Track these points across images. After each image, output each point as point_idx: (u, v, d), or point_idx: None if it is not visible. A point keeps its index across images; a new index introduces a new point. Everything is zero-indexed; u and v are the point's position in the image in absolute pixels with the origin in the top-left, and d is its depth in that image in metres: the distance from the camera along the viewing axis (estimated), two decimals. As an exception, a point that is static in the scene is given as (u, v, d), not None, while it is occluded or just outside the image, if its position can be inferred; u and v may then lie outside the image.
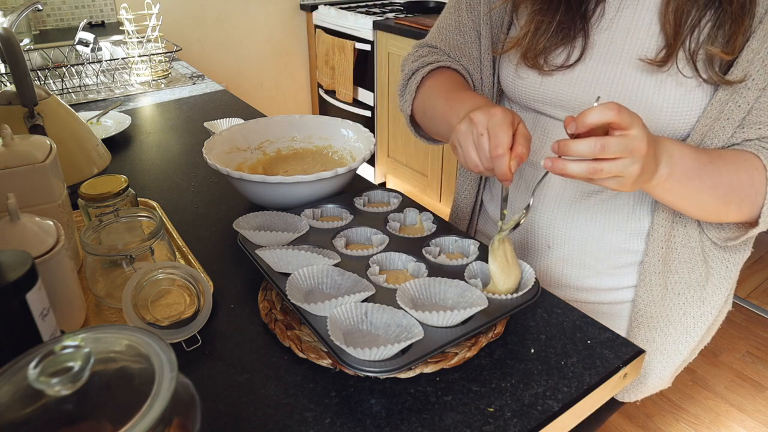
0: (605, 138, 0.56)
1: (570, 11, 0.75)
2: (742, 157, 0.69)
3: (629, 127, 0.56)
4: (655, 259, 0.79)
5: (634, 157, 0.57)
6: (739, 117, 0.69)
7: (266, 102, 3.23)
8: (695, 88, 0.70)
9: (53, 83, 1.62)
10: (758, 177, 0.68)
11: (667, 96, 0.70)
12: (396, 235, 0.75)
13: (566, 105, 0.79)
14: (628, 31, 0.73)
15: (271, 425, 0.53)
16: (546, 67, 0.78)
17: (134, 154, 1.16)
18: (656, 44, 0.71)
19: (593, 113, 0.56)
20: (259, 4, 3.00)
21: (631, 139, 0.57)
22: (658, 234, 0.78)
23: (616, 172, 0.58)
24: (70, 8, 2.48)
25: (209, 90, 1.59)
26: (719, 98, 0.69)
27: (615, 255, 0.83)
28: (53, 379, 0.32)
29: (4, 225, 0.58)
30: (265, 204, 0.86)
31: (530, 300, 0.63)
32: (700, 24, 0.68)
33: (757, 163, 0.68)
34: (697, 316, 0.84)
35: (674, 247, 0.78)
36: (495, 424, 0.53)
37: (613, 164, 0.57)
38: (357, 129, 0.98)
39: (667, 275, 0.80)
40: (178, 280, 0.63)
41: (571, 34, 0.76)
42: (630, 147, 0.57)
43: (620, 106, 0.56)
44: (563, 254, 0.85)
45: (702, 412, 1.80)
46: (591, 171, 0.57)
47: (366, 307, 0.60)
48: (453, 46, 0.91)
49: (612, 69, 0.74)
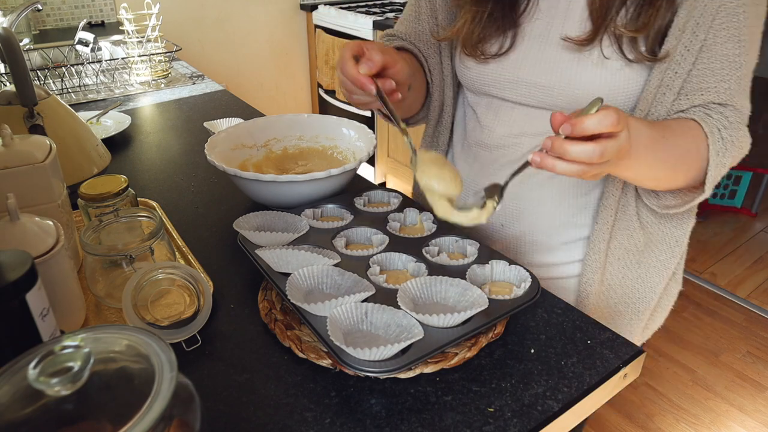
0: (604, 144, 0.55)
1: (500, 3, 0.79)
2: (687, 126, 0.70)
3: (620, 130, 0.56)
4: (604, 228, 0.82)
5: (621, 155, 0.59)
6: (678, 85, 0.72)
7: (266, 102, 3.23)
8: (623, 67, 0.73)
9: (53, 83, 1.62)
10: (702, 145, 0.70)
11: (598, 78, 0.74)
12: (396, 235, 0.75)
13: (510, 88, 0.83)
14: (559, 18, 0.77)
15: (271, 425, 0.53)
16: (483, 56, 0.82)
17: (134, 154, 1.16)
18: (584, 28, 0.75)
19: (593, 122, 0.55)
20: (259, 4, 3.00)
21: (621, 141, 0.57)
22: (608, 205, 0.80)
23: (603, 171, 0.60)
24: (69, 8, 2.48)
25: (209, 90, 1.59)
26: (657, 71, 0.72)
27: (564, 230, 0.86)
28: (53, 379, 0.32)
29: (4, 225, 0.58)
30: (262, 201, 0.86)
31: (530, 300, 0.63)
32: (626, 10, 0.71)
33: (698, 131, 0.70)
34: (638, 282, 0.86)
35: (617, 215, 0.82)
36: (495, 424, 0.53)
37: (603, 167, 0.58)
38: (359, 129, 0.99)
39: (609, 242, 0.83)
40: (178, 280, 0.63)
41: (503, 25, 0.80)
42: (620, 148, 0.57)
43: (619, 114, 0.55)
44: (515, 232, 0.88)
45: (702, 412, 1.80)
46: (581, 172, 0.57)
47: (366, 307, 0.60)
48: (412, 34, 0.94)
49: (544, 54, 0.78)
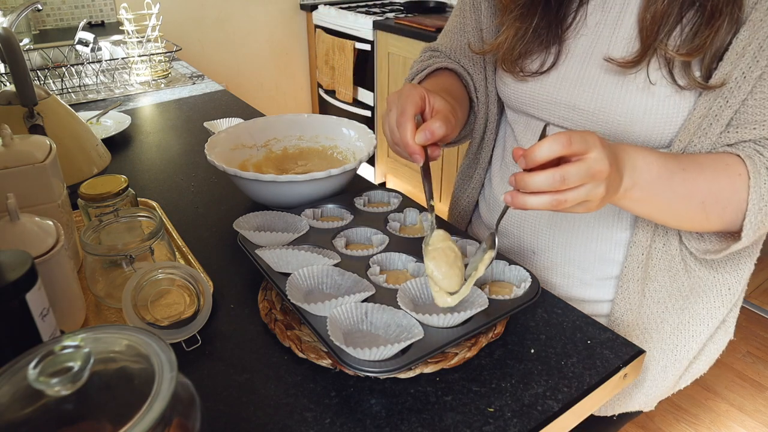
0: (565, 168, 0.53)
1: (547, 16, 0.74)
2: (724, 162, 0.64)
3: (586, 152, 0.53)
4: (634, 266, 0.76)
5: (596, 180, 0.54)
6: (728, 115, 0.65)
7: (266, 102, 3.23)
8: (672, 94, 0.67)
9: (53, 83, 1.62)
10: (740, 183, 0.63)
11: (642, 104, 0.68)
12: (396, 235, 0.75)
13: (548, 109, 0.78)
14: (606, 35, 0.72)
15: (271, 425, 0.53)
16: (522, 73, 0.77)
17: (134, 154, 1.16)
18: (631, 48, 0.69)
19: (542, 149, 0.53)
20: (259, 4, 3.00)
21: (591, 163, 0.53)
22: (638, 241, 0.75)
23: (581, 199, 0.55)
24: (69, 8, 2.48)
25: (209, 90, 1.59)
26: (705, 99, 0.66)
27: (599, 265, 0.80)
28: (53, 379, 0.32)
29: (4, 225, 0.58)
30: (262, 201, 0.86)
31: (530, 300, 0.63)
32: (681, 29, 0.65)
33: (740, 168, 0.64)
34: (679, 329, 0.80)
35: (654, 254, 0.75)
36: (495, 424, 0.53)
37: (577, 192, 0.54)
38: (359, 129, 0.98)
39: (646, 283, 0.77)
40: (178, 280, 0.63)
41: (546, 40, 0.75)
42: (591, 171, 0.53)
43: (570, 136, 0.53)
44: (548, 261, 0.84)
45: (702, 412, 1.80)
46: (555, 203, 0.54)
47: (366, 307, 0.60)
48: (455, 48, 0.90)
49: (586, 75, 0.73)
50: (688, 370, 0.85)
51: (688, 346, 0.81)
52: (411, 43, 2.38)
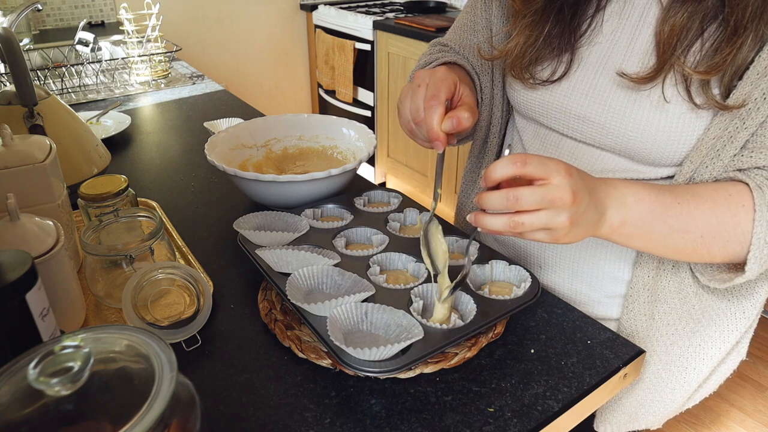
0: (519, 189, 0.52)
1: (560, 23, 0.71)
2: (726, 193, 0.61)
3: (548, 177, 0.52)
4: (639, 286, 0.74)
5: (556, 208, 0.52)
6: (743, 138, 0.62)
7: (266, 102, 3.23)
8: (687, 112, 0.63)
9: (53, 83, 1.62)
10: (744, 215, 0.60)
11: (655, 121, 0.65)
12: (396, 235, 0.75)
13: (557, 118, 0.76)
14: (621, 46, 0.68)
15: (271, 425, 0.53)
16: (531, 80, 0.75)
17: (134, 154, 1.16)
18: (647, 63, 0.65)
19: (496, 168, 0.52)
20: (259, 4, 3.00)
21: (550, 189, 0.52)
22: (645, 262, 0.73)
23: (539, 225, 0.53)
24: (69, 8, 2.48)
25: (209, 90, 1.59)
26: (720, 119, 0.62)
27: (607, 283, 0.78)
28: (53, 379, 0.32)
29: (4, 225, 0.58)
30: (262, 201, 0.86)
31: (530, 300, 0.62)
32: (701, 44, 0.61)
33: (744, 199, 0.60)
34: (689, 351, 0.77)
35: (664, 276, 0.73)
36: (495, 424, 0.53)
37: (534, 217, 0.53)
38: (359, 129, 0.98)
39: (655, 304, 0.74)
40: (178, 280, 0.63)
41: (558, 48, 0.72)
42: (549, 197, 0.52)
43: (526, 158, 0.52)
44: (554, 277, 0.82)
45: (702, 412, 1.80)
46: (511, 225, 0.53)
47: (366, 307, 0.60)
48: (464, 45, 0.89)
49: (597, 86, 0.70)
50: (697, 390, 0.83)
51: (698, 369, 0.78)
52: (411, 43, 2.38)
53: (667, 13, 0.63)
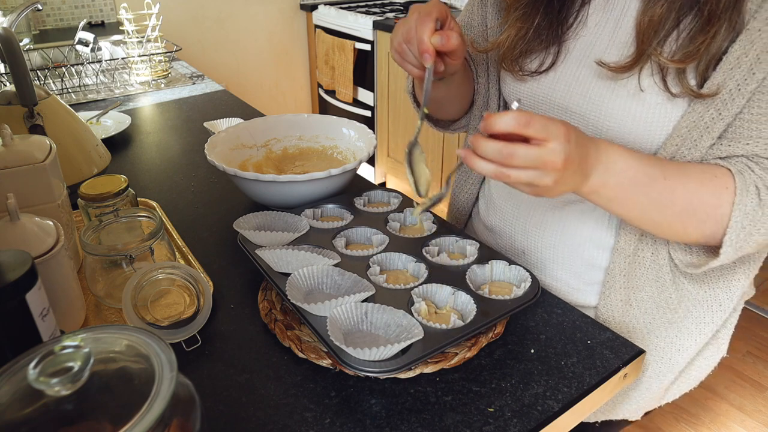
0: (514, 146, 0.54)
1: (549, 15, 0.73)
2: (711, 174, 0.63)
3: (546, 140, 0.54)
4: (616, 272, 0.75)
5: (545, 170, 0.55)
6: (720, 128, 0.64)
7: (266, 102, 3.23)
8: (664, 102, 0.65)
9: (53, 83, 1.62)
10: (726, 197, 0.62)
11: (632, 111, 0.67)
12: (396, 235, 0.75)
13: (543, 110, 0.77)
14: (604, 37, 0.71)
15: (271, 425, 0.53)
16: (520, 72, 0.77)
17: (134, 154, 1.16)
18: (627, 53, 0.67)
19: (500, 120, 0.54)
20: (259, 4, 3.01)
21: (545, 152, 0.54)
22: (621, 248, 0.74)
23: (525, 181, 0.56)
24: (69, 8, 2.48)
25: (209, 90, 1.59)
26: (696, 108, 0.64)
27: (586, 270, 0.79)
28: (53, 379, 0.32)
29: (4, 225, 0.58)
30: (262, 201, 0.86)
31: (530, 300, 0.63)
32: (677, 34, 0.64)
33: (728, 182, 0.62)
34: (666, 340, 0.78)
35: (641, 263, 0.74)
36: (495, 424, 0.53)
37: (521, 173, 0.55)
38: (359, 129, 0.98)
39: (632, 291, 0.76)
40: (178, 280, 0.63)
41: (546, 40, 0.74)
42: (543, 159, 0.54)
43: (530, 117, 0.54)
44: (538, 263, 0.83)
45: (702, 412, 1.80)
46: (498, 174, 0.55)
47: (366, 307, 0.60)
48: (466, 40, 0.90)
49: (579, 78, 0.72)
50: (675, 383, 0.84)
51: (674, 360, 0.80)
52: (411, 43, 2.38)
53: (647, 4, 0.65)
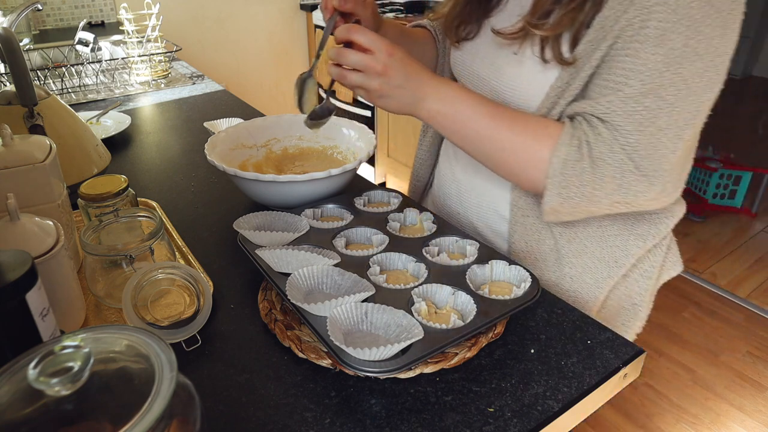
0: (347, 50, 0.69)
1: None
2: (544, 125, 0.70)
3: (370, 49, 0.68)
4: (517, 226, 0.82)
5: (368, 74, 0.69)
6: (574, 91, 0.70)
7: (266, 102, 3.23)
8: (542, 68, 0.72)
9: (53, 83, 1.62)
10: (547, 143, 0.69)
11: (517, 76, 0.75)
12: (396, 235, 0.75)
13: (466, 78, 0.84)
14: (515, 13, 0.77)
15: (271, 425, 0.53)
16: (455, 39, 0.86)
17: (134, 154, 1.16)
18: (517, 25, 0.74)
19: (341, 30, 0.70)
20: (259, 4, 3.01)
21: (366, 58, 0.68)
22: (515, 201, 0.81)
23: (357, 83, 0.70)
24: (69, 8, 2.48)
25: (209, 90, 1.59)
26: (563, 75, 0.70)
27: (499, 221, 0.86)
28: (53, 379, 0.32)
29: (4, 225, 0.58)
30: (262, 201, 0.86)
31: (530, 300, 0.63)
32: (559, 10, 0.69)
33: (555, 132, 0.69)
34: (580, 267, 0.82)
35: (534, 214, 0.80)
36: (495, 424, 0.53)
37: (353, 75, 0.70)
38: (359, 129, 0.98)
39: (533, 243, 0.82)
40: (178, 280, 0.63)
41: (476, 11, 0.83)
42: (364, 63, 0.68)
43: (358, 29, 0.68)
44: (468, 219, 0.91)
45: (702, 412, 1.80)
46: (339, 74, 0.71)
47: (366, 307, 0.60)
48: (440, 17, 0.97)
49: (484, 46, 0.81)
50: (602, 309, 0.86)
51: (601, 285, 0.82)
52: (411, 43, 2.38)
53: None
